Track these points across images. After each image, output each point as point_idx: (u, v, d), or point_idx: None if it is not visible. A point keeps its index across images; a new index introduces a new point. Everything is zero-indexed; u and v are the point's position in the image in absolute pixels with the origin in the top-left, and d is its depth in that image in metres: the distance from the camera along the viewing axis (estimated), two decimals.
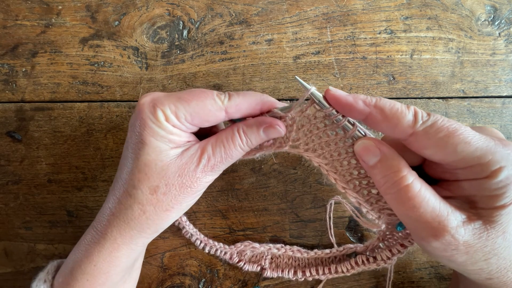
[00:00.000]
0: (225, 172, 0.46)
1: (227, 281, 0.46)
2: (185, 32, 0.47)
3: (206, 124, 0.35)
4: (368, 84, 0.46)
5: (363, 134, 0.34)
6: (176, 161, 0.33)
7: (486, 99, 0.46)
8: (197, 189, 0.34)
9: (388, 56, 0.47)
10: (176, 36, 0.47)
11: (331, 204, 0.45)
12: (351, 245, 0.44)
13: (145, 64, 0.47)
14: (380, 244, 0.41)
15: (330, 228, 0.45)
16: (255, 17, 0.47)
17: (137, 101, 0.46)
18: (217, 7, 0.47)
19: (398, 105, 0.30)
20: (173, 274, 0.46)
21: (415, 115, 0.30)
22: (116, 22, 0.47)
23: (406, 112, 0.30)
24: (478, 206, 0.30)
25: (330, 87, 0.33)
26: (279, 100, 0.38)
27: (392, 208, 0.32)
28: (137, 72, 0.47)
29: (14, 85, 0.46)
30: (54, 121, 0.46)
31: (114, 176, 0.46)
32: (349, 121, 0.34)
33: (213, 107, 0.33)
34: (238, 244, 0.45)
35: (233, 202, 0.46)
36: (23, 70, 0.46)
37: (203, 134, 0.38)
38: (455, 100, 0.46)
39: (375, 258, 0.41)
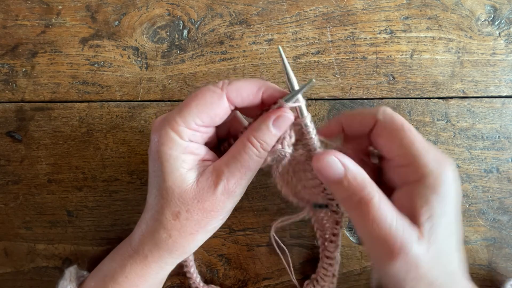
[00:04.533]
0: None
1: (227, 281, 0.46)
2: (185, 32, 0.47)
3: (217, 120, 0.33)
4: (368, 84, 0.46)
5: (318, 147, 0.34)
6: (193, 186, 0.33)
7: (486, 99, 0.46)
8: (221, 212, 0.34)
9: (388, 56, 0.47)
10: (176, 36, 0.47)
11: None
12: (308, 281, 0.44)
13: (145, 64, 0.47)
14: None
15: (292, 273, 0.44)
16: (255, 17, 0.47)
17: (137, 101, 0.46)
18: (217, 7, 0.47)
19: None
20: (173, 274, 0.46)
21: (378, 109, 0.34)
22: (116, 22, 0.47)
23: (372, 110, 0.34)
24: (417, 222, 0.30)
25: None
26: None
27: (354, 224, 0.33)
28: (137, 72, 0.47)
29: (14, 85, 0.46)
30: (54, 121, 0.46)
31: (114, 176, 0.47)
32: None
33: (213, 98, 0.32)
34: None
35: None
36: (23, 70, 0.46)
37: (223, 138, 0.39)
38: (455, 100, 0.46)
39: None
